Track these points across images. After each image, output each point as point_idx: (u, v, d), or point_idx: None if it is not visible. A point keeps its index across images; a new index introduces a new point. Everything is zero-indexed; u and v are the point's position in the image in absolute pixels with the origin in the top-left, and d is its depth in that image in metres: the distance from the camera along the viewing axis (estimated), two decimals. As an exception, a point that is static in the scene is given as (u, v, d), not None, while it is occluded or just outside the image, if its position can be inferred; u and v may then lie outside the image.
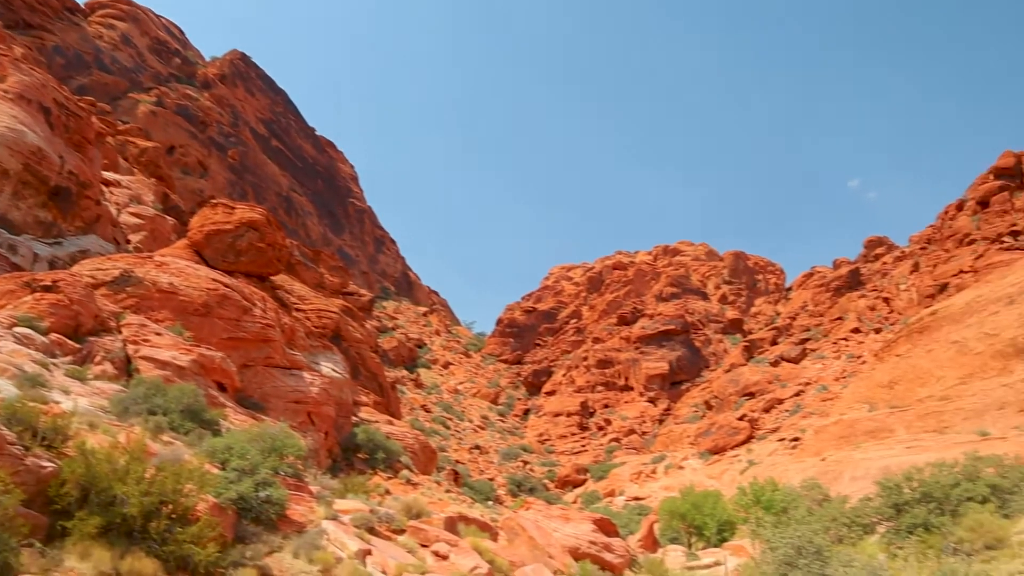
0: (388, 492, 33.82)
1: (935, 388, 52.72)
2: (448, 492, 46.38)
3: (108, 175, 55.05)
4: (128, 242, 49.48)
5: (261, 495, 16.48)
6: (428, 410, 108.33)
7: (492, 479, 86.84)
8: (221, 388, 31.05)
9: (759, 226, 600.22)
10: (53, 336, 25.83)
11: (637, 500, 77.15)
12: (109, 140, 62.11)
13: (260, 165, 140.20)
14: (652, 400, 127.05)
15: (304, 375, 38.62)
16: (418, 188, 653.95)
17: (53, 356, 24.65)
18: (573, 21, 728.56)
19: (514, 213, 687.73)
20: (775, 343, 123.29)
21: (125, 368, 27.14)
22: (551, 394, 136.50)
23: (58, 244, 40.67)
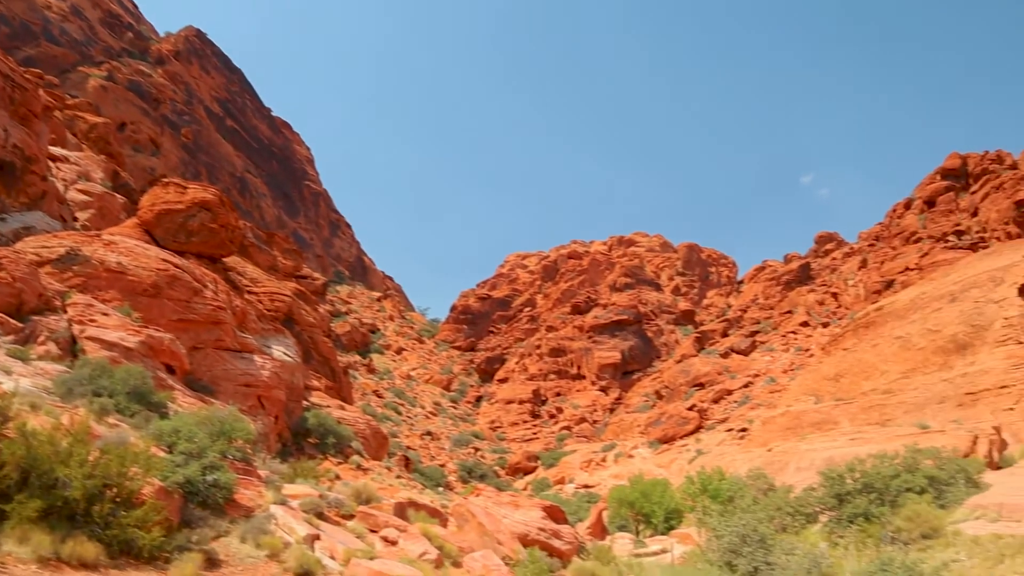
0: (338, 477, 33.64)
1: (879, 382, 53.99)
2: (399, 478, 46.30)
3: (55, 150, 53.54)
4: (75, 220, 48.24)
5: (208, 479, 16.27)
6: (380, 396, 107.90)
7: (443, 465, 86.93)
8: (170, 370, 30.57)
9: (713, 219, 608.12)
10: (-6, 314, 25.16)
11: (587, 488, 77.90)
12: (57, 114, 60.39)
13: (214, 145, 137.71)
14: (604, 389, 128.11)
15: (255, 358, 38.18)
16: (375, 173, 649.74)
17: (-6, 335, 24.05)
18: (532, 12, 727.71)
19: (471, 200, 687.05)
20: (726, 335, 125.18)
21: (70, 348, 26.55)
22: (504, 381, 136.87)
23: (1, 220, 39.48)
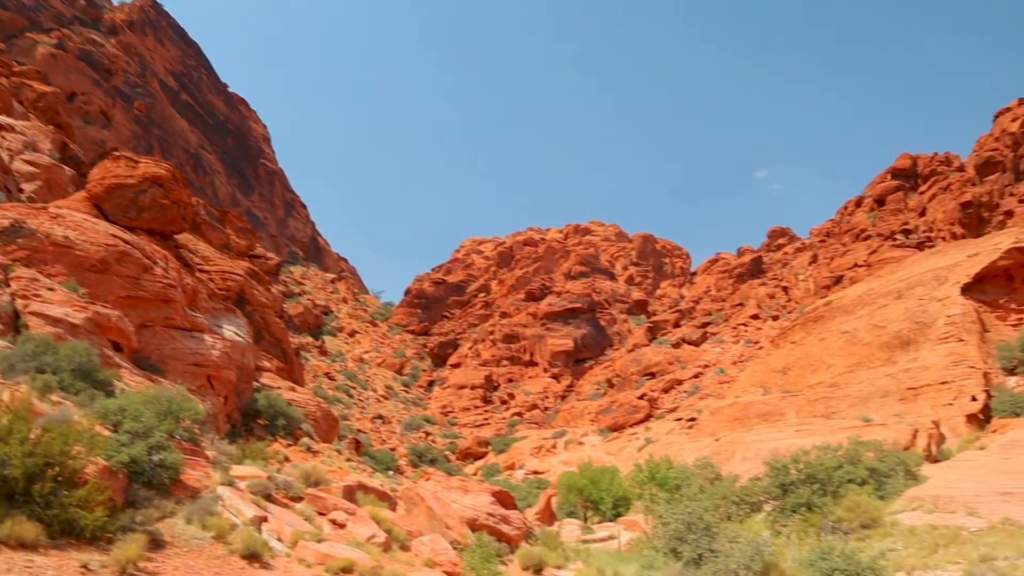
0: (288, 459, 33.44)
1: (825, 375, 55.10)
2: (349, 461, 46.14)
3: (0, 119, 52.03)
4: (21, 191, 46.92)
5: (154, 459, 16.06)
6: (332, 378, 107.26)
7: (394, 449, 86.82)
8: (117, 348, 30.02)
9: (669, 210, 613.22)
10: (-66, 286, 24.46)
11: (536, 474, 78.39)
12: (2, 81, 58.66)
13: (168, 119, 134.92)
14: (556, 376, 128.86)
15: (205, 338, 37.66)
16: (332, 153, 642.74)
17: (-67, 307, 23.38)
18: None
19: (428, 184, 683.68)
20: (678, 325, 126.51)
21: (13, 324, 25.92)
22: (456, 367, 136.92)
23: (-58, 189, 38.36)
